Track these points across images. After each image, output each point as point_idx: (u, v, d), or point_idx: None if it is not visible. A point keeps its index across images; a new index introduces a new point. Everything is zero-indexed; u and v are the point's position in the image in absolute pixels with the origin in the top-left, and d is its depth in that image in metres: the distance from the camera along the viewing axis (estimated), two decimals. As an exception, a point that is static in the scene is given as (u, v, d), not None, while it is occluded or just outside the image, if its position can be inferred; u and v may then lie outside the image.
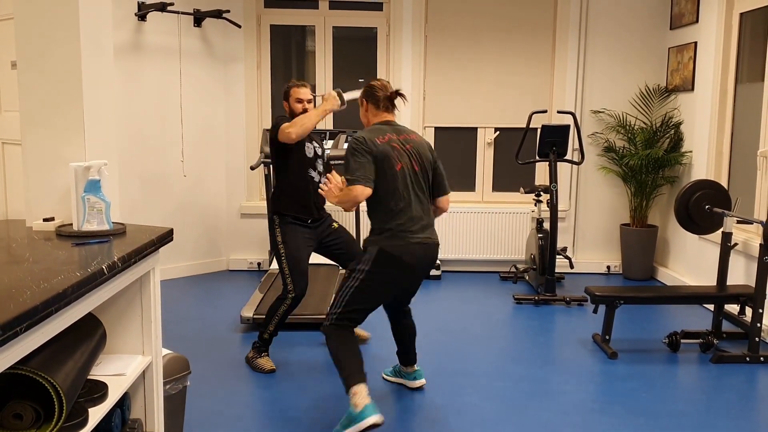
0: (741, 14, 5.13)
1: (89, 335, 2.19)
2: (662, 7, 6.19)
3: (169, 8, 5.59)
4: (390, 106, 3.41)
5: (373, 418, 2.95)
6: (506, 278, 6.17)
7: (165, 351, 2.81)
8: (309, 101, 4.08)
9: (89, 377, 2.23)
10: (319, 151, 4.12)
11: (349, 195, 3.09)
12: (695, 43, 5.65)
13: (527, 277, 6.05)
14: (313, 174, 4.02)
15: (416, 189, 3.25)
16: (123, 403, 2.38)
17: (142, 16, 5.58)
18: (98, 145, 2.66)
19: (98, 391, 2.11)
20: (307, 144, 4.02)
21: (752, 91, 4.98)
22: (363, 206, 5.73)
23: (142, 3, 5.56)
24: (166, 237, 2.49)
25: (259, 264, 6.41)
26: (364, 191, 3.08)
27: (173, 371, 2.79)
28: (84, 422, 1.95)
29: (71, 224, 2.47)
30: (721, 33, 5.25)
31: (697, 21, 5.62)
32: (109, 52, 2.75)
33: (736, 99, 5.23)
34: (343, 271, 5.38)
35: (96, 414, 2.03)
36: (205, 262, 6.29)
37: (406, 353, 3.70)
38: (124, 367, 2.34)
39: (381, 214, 3.19)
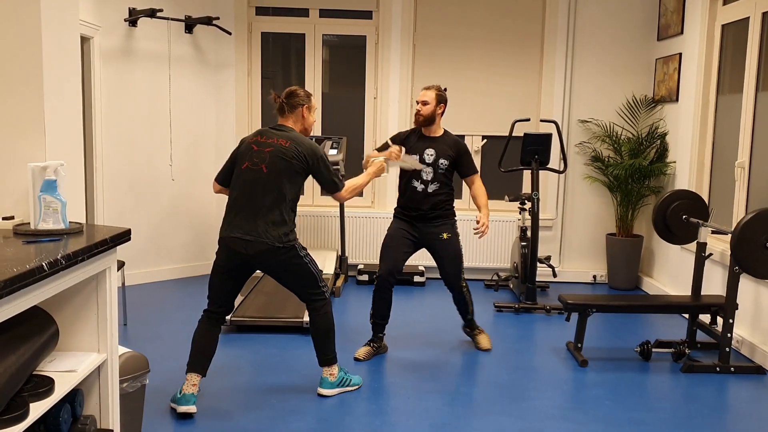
0: (723, 26, 5.16)
1: (38, 332, 2.24)
2: (650, 18, 6.22)
3: (159, 14, 5.67)
4: (281, 111, 3.64)
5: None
6: (490, 286, 6.20)
7: (123, 350, 2.86)
8: None
9: (37, 372, 2.28)
10: None
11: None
12: (680, 54, 5.68)
13: (510, 285, 6.07)
14: None
15: (253, 187, 3.47)
16: (74, 399, 2.43)
17: (132, 22, 5.66)
18: (60, 146, 2.72)
19: (44, 386, 2.16)
20: None
21: (733, 102, 5.01)
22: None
23: (133, 9, 5.65)
24: (122, 237, 2.54)
25: (246, 268, 6.46)
26: (214, 184, 3.68)
27: (131, 369, 2.85)
28: (24, 415, 2.00)
29: (29, 223, 2.53)
30: (703, 44, 5.28)
31: (682, 32, 5.66)
32: (75, 54, 2.82)
33: (717, 110, 5.26)
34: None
35: (39, 408, 2.08)
36: (193, 265, 6.36)
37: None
38: (77, 364, 2.40)
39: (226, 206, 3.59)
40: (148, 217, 6.01)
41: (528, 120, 5.94)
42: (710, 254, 4.55)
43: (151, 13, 5.62)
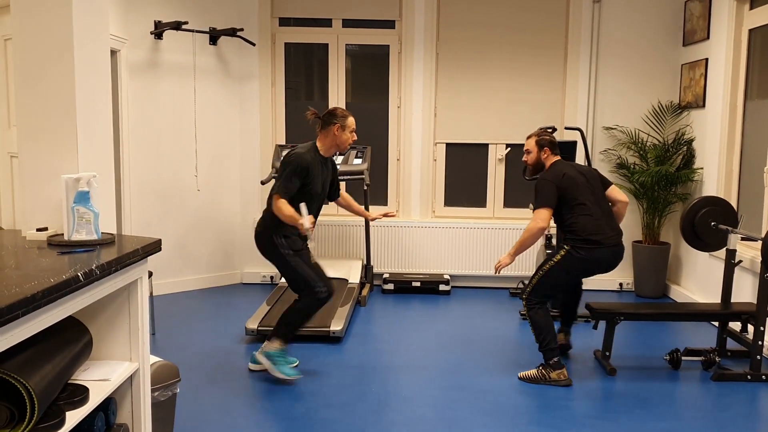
0: (750, 30, 5.11)
1: (73, 341, 2.28)
2: (675, 23, 6.18)
3: (184, 27, 5.75)
4: (319, 126, 4.07)
5: None
6: (515, 294, 6.18)
7: (154, 359, 2.89)
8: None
9: (72, 381, 2.32)
10: None
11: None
12: (706, 59, 5.63)
13: (536, 293, 6.04)
14: None
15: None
16: (108, 407, 2.46)
17: (158, 35, 5.74)
18: (92, 158, 2.76)
19: (79, 394, 2.19)
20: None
21: (761, 107, 4.95)
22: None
23: (159, 22, 5.73)
24: (153, 247, 2.57)
25: (271, 277, 6.50)
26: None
27: (162, 378, 2.87)
28: (61, 423, 2.03)
29: (63, 234, 2.57)
30: (730, 49, 5.23)
31: (708, 37, 5.61)
32: (105, 69, 2.86)
33: (745, 116, 5.20)
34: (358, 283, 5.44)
35: (74, 416, 2.11)
36: (219, 275, 6.40)
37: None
38: (110, 372, 2.43)
39: None
40: (174, 228, 6.07)
41: (552, 128, 5.91)
42: (740, 261, 4.49)
43: (177, 26, 5.69)
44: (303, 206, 3.74)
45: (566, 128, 5.84)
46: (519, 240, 4.06)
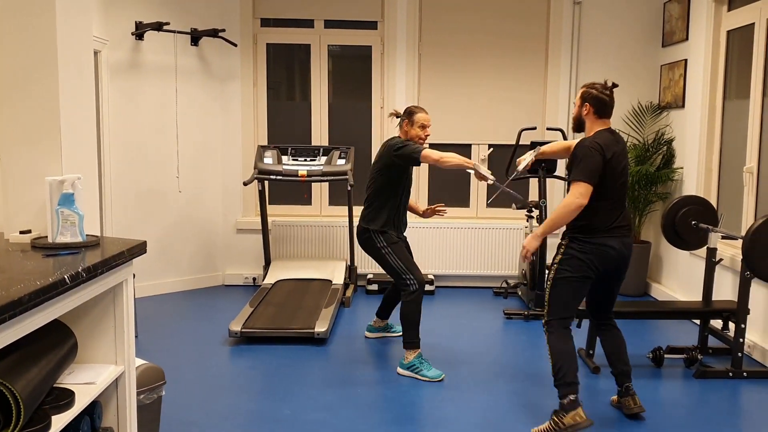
0: (728, 32, 5.18)
1: (58, 344, 2.25)
2: (654, 24, 6.25)
3: (165, 27, 5.71)
4: None
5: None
6: (499, 293, 6.20)
7: (140, 361, 2.87)
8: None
9: (58, 385, 2.29)
10: None
11: None
12: (685, 60, 5.70)
13: (519, 293, 6.07)
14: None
15: None
16: (93, 411, 2.43)
17: (139, 36, 5.70)
18: (76, 160, 2.74)
19: (65, 398, 2.16)
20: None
21: (739, 107, 5.02)
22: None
23: (140, 23, 5.68)
24: (139, 249, 2.55)
25: (254, 279, 6.48)
26: None
27: (148, 381, 2.85)
28: (46, 428, 2.01)
29: (47, 236, 2.55)
30: (709, 50, 5.30)
31: (687, 39, 5.68)
32: (89, 71, 2.84)
33: (724, 116, 5.27)
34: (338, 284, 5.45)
35: (60, 420, 2.09)
36: (201, 277, 6.36)
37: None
38: (95, 376, 2.40)
39: None
40: (155, 229, 6.03)
41: (534, 128, 5.95)
42: (720, 259, 4.55)
43: (158, 27, 5.65)
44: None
45: (548, 129, 5.88)
46: (551, 217, 3.32)
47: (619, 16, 6.25)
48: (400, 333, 4.65)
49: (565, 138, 5.69)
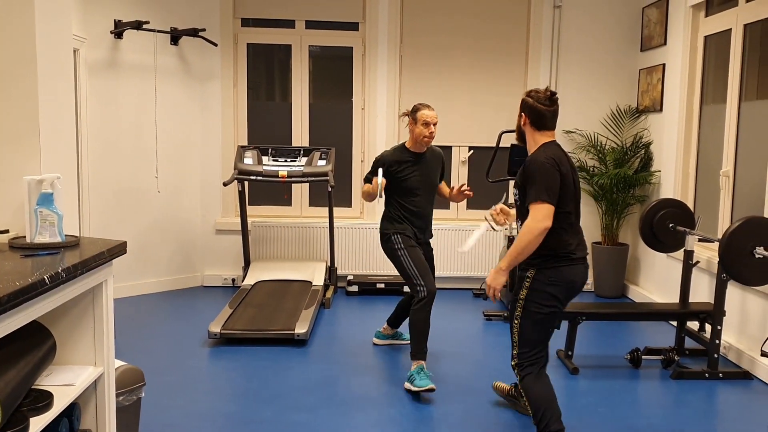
0: (705, 37, 5.24)
1: (36, 346, 2.22)
2: (633, 29, 6.31)
3: (145, 26, 5.66)
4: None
5: None
6: (479, 295, 6.23)
7: (119, 363, 2.84)
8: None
9: (36, 387, 2.26)
10: None
11: None
12: (663, 64, 5.76)
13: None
14: None
15: None
16: (72, 413, 2.41)
17: (118, 34, 5.64)
18: (55, 160, 2.70)
19: (43, 400, 2.14)
20: None
21: (716, 112, 5.09)
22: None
23: (119, 21, 5.63)
24: (119, 250, 2.53)
25: (233, 280, 6.44)
26: None
27: (127, 383, 2.82)
28: (24, 430, 1.98)
29: (25, 237, 2.51)
30: (687, 55, 5.36)
31: (665, 43, 5.74)
32: (68, 69, 2.81)
33: (701, 120, 5.34)
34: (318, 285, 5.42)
35: (38, 423, 2.06)
36: (179, 277, 6.32)
37: None
38: (74, 377, 2.38)
39: None
40: (133, 230, 5.97)
41: (515, 131, 5.97)
42: (697, 262, 4.61)
43: (137, 25, 5.60)
44: (380, 170, 4.12)
45: (528, 131, 5.90)
46: (514, 246, 2.95)
47: (598, 20, 6.31)
48: (408, 341, 4.53)
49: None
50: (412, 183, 4.21)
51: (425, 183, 4.25)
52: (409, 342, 4.32)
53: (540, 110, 3.04)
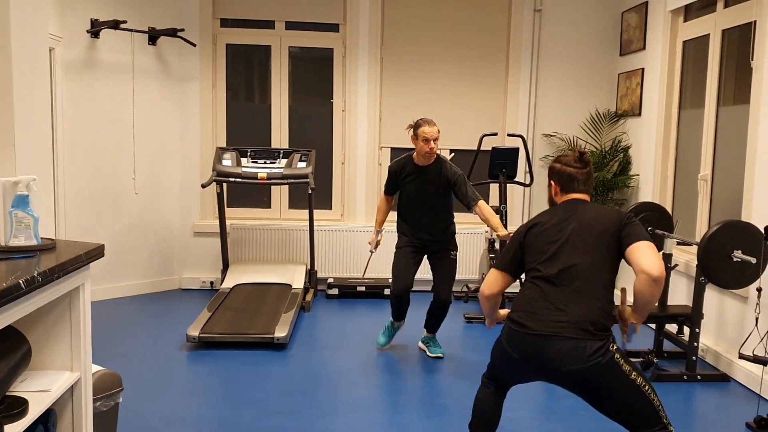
0: (684, 42, 5.29)
1: (11, 351, 2.17)
2: (613, 33, 6.36)
3: (122, 26, 5.59)
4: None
5: None
6: (460, 298, 6.22)
7: (96, 367, 2.79)
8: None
9: (10, 393, 2.21)
10: None
11: None
12: (642, 69, 5.81)
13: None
14: None
15: None
16: (48, 419, 2.36)
17: (95, 33, 5.57)
18: (30, 161, 2.65)
19: (18, 407, 2.09)
20: None
21: (695, 116, 5.13)
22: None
23: (95, 20, 5.55)
24: (96, 253, 2.48)
25: (211, 283, 6.38)
26: None
27: (104, 388, 2.77)
28: (-1, 438, 1.93)
29: (-1, 239, 2.45)
30: (665, 60, 5.41)
31: (644, 48, 5.79)
32: (44, 68, 2.75)
33: (680, 124, 5.38)
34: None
35: (13, 430, 2.01)
36: (157, 280, 6.24)
37: None
38: (50, 383, 2.33)
39: None
40: (111, 232, 5.89)
41: (495, 134, 6.00)
42: (676, 265, 4.64)
43: (115, 25, 5.53)
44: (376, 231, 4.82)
45: (509, 135, 5.94)
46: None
47: (578, 24, 6.35)
48: (436, 355, 4.63)
49: (525, 144, 5.74)
50: (409, 193, 4.50)
51: (422, 195, 4.47)
52: (436, 356, 4.63)
53: (570, 172, 2.78)
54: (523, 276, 2.67)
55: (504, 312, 2.87)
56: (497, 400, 2.81)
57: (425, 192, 4.46)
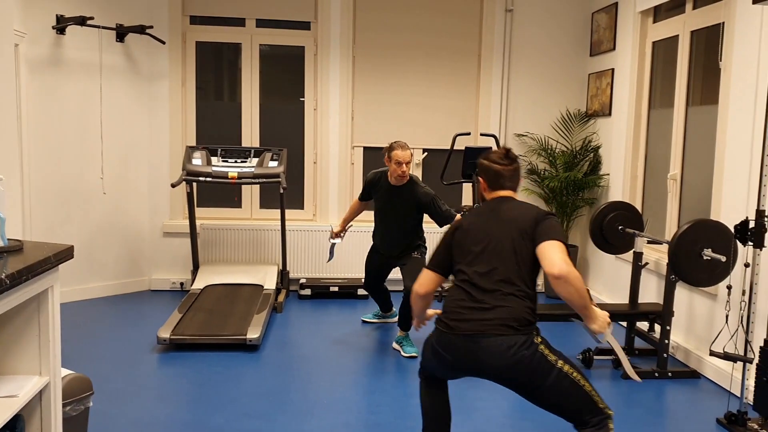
0: (654, 42, 5.35)
1: (-23, 355, 2.11)
2: (583, 34, 6.41)
3: (89, 22, 5.48)
4: None
5: None
6: (435, 297, 6.21)
7: (65, 371, 2.73)
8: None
9: (-24, 399, 2.14)
10: None
11: None
12: (612, 69, 5.86)
13: (452, 297, 6.11)
14: None
15: None
16: (15, 425, 2.29)
17: (60, 30, 5.45)
18: (-3, 159, 2.58)
19: (-15, 413, 2.03)
20: None
21: (664, 116, 5.20)
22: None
23: (61, 16, 5.44)
24: (66, 254, 2.42)
25: (182, 284, 6.29)
26: None
27: (74, 392, 2.71)
28: (-35, 446, 1.87)
29: (-36, 240, 2.38)
30: (635, 60, 5.47)
31: (614, 48, 5.85)
32: (9, 65, 2.68)
33: (649, 124, 5.45)
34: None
35: (-20, 437, 1.95)
36: (126, 281, 6.13)
37: None
38: (18, 388, 2.26)
39: None
40: (78, 233, 5.78)
41: (469, 134, 6.01)
42: (646, 263, 4.69)
43: (81, 21, 5.42)
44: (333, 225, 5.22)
45: (481, 134, 5.95)
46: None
47: (549, 24, 6.39)
48: (410, 354, 4.64)
49: (498, 143, 5.76)
50: (380, 208, 4.81)
51: (392, 213, 4.73)
52: (408, 355, 4.66)
53: (495, 168, 2.84)
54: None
55: (431, 312, 2.93)
56: (442, 396, 2.88)
57: (395, 211, 4.72)
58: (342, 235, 5.10)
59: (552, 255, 2.52)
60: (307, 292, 6.11)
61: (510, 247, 2.64)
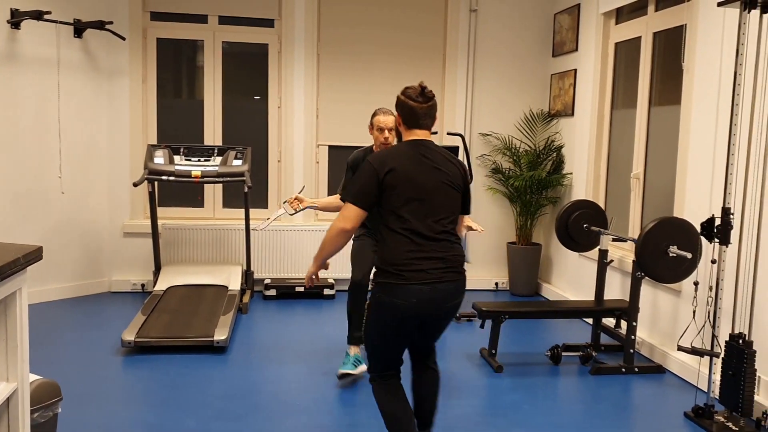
0: (616, 44, 5.44)
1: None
2: (546, 34, 6.48)
3: (46, 17, 5.33)
4: None
5: None
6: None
7: (33, 376, 2.64)
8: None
9: (-58, 407, 2.05)
10: None
11: None
12: (575, 70, 5.94)
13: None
14: None
15: None
16: (-18, 434, 2.20)
17: (15, 24, 5.28)
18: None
19: (-48, 422, 1.94)
20: None
21: (627, 116, 5.28)
22: (253, 225, 5.60)
23: (16, 10, 5.27)
24: (34, 255, 2.33)
25: (143, 285, 6.16)
26: None
27: (42, 398, 2.62)
28: (-67, 456, 1.79)
29: (-74, 241, 2.28)
30: (598, 61, 5.55)
31: (576, 49, 5.92)
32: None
33: (612, 124, 5.53)
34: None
35: (-52, 447, 1.87)
36: (85, 283, 5.98)
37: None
38: (-15, 395, 2.18)
39: None
40: (35, 233, 5.61)
41: (435, 133, 6.00)
42: (611, 261, 4.76)
43: (37, 15, 5.26)
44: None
45: (449, 133, 5.97)
46: (322, 241, 2.83)
47: (512, 25, 6.44)
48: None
49: (465, 143, 5.79)
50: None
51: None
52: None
53: (414, 107, 2.82)
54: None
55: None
56: (400, 393, 2.92)
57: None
58: (299, 210, 4.16)
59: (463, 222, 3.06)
60: (272, 292, 6.04)
61: (446, 198, 2.80)
